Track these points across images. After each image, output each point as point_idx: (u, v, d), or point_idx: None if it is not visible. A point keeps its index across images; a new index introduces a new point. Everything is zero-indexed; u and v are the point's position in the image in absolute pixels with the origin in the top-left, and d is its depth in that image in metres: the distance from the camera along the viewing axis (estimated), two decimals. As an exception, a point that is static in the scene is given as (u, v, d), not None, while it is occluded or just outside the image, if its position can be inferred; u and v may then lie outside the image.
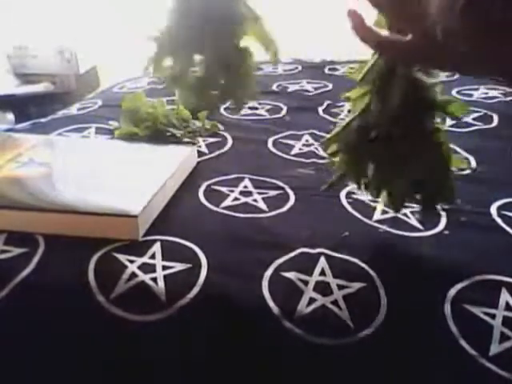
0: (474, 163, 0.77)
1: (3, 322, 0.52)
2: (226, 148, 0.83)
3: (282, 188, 0.70)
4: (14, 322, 0.52)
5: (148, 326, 0.49)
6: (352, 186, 0.69)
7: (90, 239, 0.56)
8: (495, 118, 0.94)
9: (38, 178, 0.65)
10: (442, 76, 1.22)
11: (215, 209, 0.64)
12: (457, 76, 1.18)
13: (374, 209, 0.64)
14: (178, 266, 0.53)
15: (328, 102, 1.05)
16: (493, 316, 0.48)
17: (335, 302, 0.50)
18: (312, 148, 0.82)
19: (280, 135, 0.87)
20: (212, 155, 0.81)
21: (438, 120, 0.52)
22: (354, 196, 0.67)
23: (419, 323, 0.49)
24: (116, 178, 0.67)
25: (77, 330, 0.51)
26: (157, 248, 0.56)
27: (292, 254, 0.55)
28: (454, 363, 0.46)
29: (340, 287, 0.51)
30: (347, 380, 0.48)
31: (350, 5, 0.46)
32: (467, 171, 0.52)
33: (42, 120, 0.97)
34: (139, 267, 0.53)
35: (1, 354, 0.52)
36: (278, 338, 0.48)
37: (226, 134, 0.88)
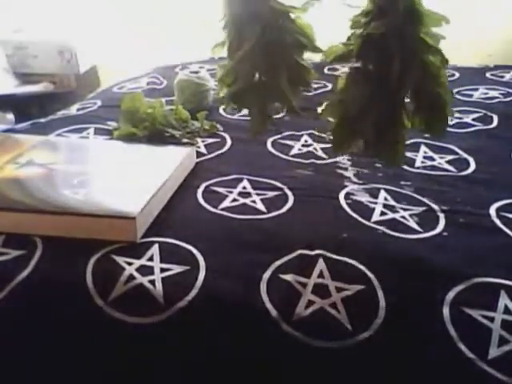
0: (473, 164, 0.77)
1: (2, 323, 0.52)
2: (224, 149, 0.83)
3: (281, 189, 0.69)
4: (13, 323, 0.52)
5: (147, 328, 0.49)
6: (351, 188, 0.69)
7: (87, 241, 0.56)
8: (495, 118, 0.94)
9: (37, 178, 0.65)
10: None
11: (214, 210, 0.64)
12: (457, 76, 1.18)
13: (373, 210, 0.64)
14: (176, 268, 0.53)
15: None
16: (492, 319, 0.48)
17: (333, 305, 0.49)
18: (311, 148, 0.82)
19: (279, 136, 0.87)
20: (211, 156, 0.80)
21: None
22: (353, 197, 0.67)
23: (418, 326, 0.49)
24: (114, 179, 0.67)
25: (76, 331, 0.51)
26: (155, 250, 0.56)
27: (290, 256, 0.55)
28: (452, 366, 0.46)
29: (338, 289, 0.51)
30: (346, 383, 0.48)
31: None
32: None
33: (42, 120, 0.97)
34: (137, 269, 0.53)
35: (1, 354, 0.52)
36: (276, 341, 0.48)
37: (224, 134, 0.88)
